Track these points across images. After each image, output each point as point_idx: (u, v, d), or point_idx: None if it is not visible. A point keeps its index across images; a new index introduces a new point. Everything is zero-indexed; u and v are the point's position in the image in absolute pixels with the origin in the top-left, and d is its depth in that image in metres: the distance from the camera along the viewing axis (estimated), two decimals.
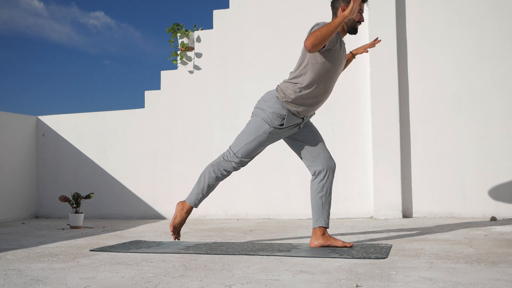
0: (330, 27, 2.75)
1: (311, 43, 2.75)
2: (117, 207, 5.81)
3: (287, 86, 2.99)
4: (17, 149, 5.90)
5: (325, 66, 2.93)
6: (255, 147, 3.07)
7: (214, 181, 3.17)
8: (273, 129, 3.00)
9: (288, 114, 2.97)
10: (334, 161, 3.08)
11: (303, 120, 3.07)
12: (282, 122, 2.99)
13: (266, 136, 3.03)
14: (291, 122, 3.01)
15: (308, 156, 3.08)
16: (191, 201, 3.20)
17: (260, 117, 3.03)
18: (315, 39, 2.74)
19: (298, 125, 3.08)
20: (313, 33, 2.77)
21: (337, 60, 2.96)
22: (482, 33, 4.88)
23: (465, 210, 4.79)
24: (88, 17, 14.64)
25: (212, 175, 3.15)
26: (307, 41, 2.77)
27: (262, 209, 5.32)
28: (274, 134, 3.04)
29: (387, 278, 2.08)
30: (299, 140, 3.12)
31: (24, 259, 2.82)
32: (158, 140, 5.73)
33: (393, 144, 4.91)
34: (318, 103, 3.02)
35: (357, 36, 5.15)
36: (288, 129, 3.04)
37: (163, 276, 2.22)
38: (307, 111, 3.01)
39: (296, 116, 3.01)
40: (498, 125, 4.78)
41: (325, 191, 3.03)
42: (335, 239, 2.99)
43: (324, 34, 2.74)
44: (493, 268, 2.25)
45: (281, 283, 2.03)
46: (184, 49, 5.63)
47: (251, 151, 3.08)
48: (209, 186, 3.17)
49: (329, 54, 2.92)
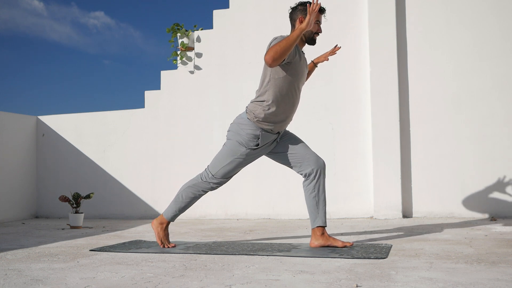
0: (289, 41, 2.78)
1: (271, 58, 2.79)
2: (117, 207, 5.81)
3: (255, 106, 3.02)
4: (17, 149, 5.90)
5: (287, 79, 2.97)
6: (234, 168, 3.10)
7: (191, 200, 3.19)
8: (249, 151, 3.04)
9: (262, 133, 3.00)
10: (322, 160, 3.08)
11: (279, 134, 3.10)
12: (257, 142, 3.01)
13: (243, 158, 3.06)
14: (266, 140, 3.04)
15: (295, 163, 3.10)
16: (168, 216, 3.21)
17: (235, 140, 3.05)
18: (274, 54, 2.78)
19: (275, 140, 3.11)
20: (272, 47, 2.80)
21: (298, 72, 3.01)
22: (482, 33, 4.88)
23: (465, 210, 4.79)
24: (88, 17, 14.64)
25: (189, 195, 3.17)
26: (267, 56, 2.80)
27: (262, 209, 5.32)
28: (252, 154, 3.07)
29: (387, 278, 2.08)
30: (280, 152, 3.14)
31: (24, 259, 2.82)
32: (158, 140, 5.73)
33: (393, 144, 4.91)
34: (288, 116, 3.06)
35: (357, 36, 5.16)
36: (265, 147, 3.08)
37: (163, 276, 2.22)
38: (280, 126, 3.05)
39: (271, 133, 3.04)
40: (498, 125, 4.78)
41: (317, 190, 3.04)
42: (334, 239, 3.00)
43: (283, 48, 2.78)
44: (493, 268, 2.25)
45: (281, 283, 2.03)
46: (184, 49, 5.63)
47: (230, 171, 3.11)
48: (186, 205, 3.19)
49: (289, 67, 2.96)
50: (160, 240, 3.17)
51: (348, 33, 5.20)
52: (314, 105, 5.23)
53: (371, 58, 5.02)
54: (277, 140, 3.12)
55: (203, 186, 3.15)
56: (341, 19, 5.23)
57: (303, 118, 5.26)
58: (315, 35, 3.07)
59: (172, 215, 3.20)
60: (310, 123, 5.23)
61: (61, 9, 14.88)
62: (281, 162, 3.18)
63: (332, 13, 5.29)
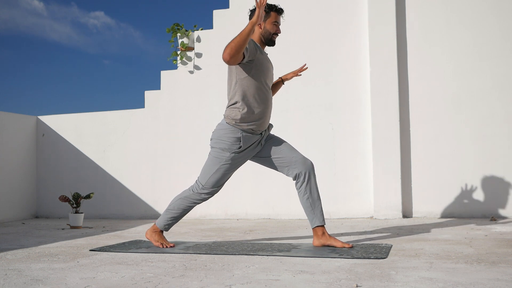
0: (242, 36, 2.82)
1: (228, 55, 2.83)
2: (117, 207, 5.81)
3: (230, 110, 3.06)
4: (17, 149, 5.90)
5: (253, 77, 3.02)
6: (222, 176, 3.11)
7: (183, 211, 3.20)
8: (234, 155, 3.05)
9: (243, 135, 3.02)
10: (309, 160, 3.09)
11: (262, 135, 3.11)
12: (240, 145, 3.03)
13: (229, 163, 3.07)
14: (249, 142, 3.05)
15: (282, 166, 3.11)
16: (160, 225, 3.22)
17: (218, 147, 3.07)
18: (230, 50, 2.82)
19: (259, 142, 3.11)
20: (227, 45, 2.85)
21: (263, 69, 3.06)
22: (482, 33, 4.88)
23: (465, 210, 4.79)
24: (88, 17, 14.64)
25: (181, 207, 3.19)
26: (224, 54, 2.84)
27: (262, 209, 5.32)
28: (237, 158, 3.07)
29: (387, 278, 2.08)
30: (265, 156, 3.15)
31: (24, 259, 2.82)
32: (158, 140, 5.73)
33: (393, 144, 4.91)
34: (264, 113, 3.07)
35: (357, 36, 5.16)
36: (249, 150, 3.09)
37: (163, 276, 2.22)
38: (259, 125, 3.06)
39: (252, 134, 3.05)
40: (498, 125, 4.78)
41: (309, 192, 3.04)
42: (335, 239, 3.00)
43: (238, 43, 2.82)
44: (493, 268, 2.25)
45: (281, 283, 2.03)
46: (184, 49, 5.63)
47: (219, 180, 3.11)
48: (178, 216, 3.21)
49: (252, 65, 3.00)
50: (158, 242, 3.17)
51: (348, 33, 5.20)
52: (314, 105, 5.23)
53: (371, 58, 5.02)
54: (261, 142, 3.13)
55: (194, 197, 3.17)
56: (341, 19, 5.23)
57: (303, 118, 5.26)
58: (274, 36, 3.14)
59: (164, 224, 3.21)
60: (310, 123, 5.23)
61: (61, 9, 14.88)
62: (268, 166, 3.19)
63: (332, 13, 5.30)
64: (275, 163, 3.13)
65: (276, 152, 3.12)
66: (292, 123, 5.27)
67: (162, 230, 3.22)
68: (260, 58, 3.03)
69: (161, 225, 3.22)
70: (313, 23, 5.31)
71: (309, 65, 5.33)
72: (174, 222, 3.23)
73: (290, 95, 5.30)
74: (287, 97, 5.30)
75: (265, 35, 3.12)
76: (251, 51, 2.95)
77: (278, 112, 5.29)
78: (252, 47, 2.96)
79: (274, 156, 3.12)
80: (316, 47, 5.29)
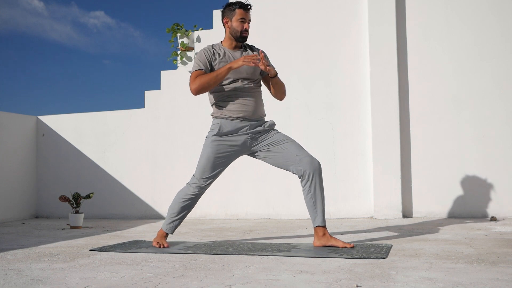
0: (217, 78, 3.01)
1: (195, 90, 3.06)
2: (117, 207, 5.81)
3: (212, 109, 3.23)
4: (17, 149, 5.90)
5: (223, 83, 3.10)
6: (206, 163, 3.14)
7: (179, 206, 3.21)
8: (215, 137, 3.12)
9: (221, 121, 3.11)
10: (317, 160, 3.07)
11: (249, 127, 3.10)
12: (219, 128, 3.11)
13: (215, 148, 3.12)
14: (229, 127, 3.10)
15: (288, 165, 3.10)
16: (163, 227, 3.26)
17: (205, 140, 3.20)
18: (199, 87, 3.04)
19: (247, 134, 3.11)
20: (197, 80, 3.02)
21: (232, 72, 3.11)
22: (482, 32, 4.88)
23: (465, 210, 4.79)
24: (88, 16, 14.65)
25: (177, 200, 3.22)
26: (191, 87, 3.04)
27: (262, 209, 5.32)
28: (220, 145, 3.12)
29: (387, 278, 2.08)
30: (269, 156, 3.15)
31: (24, 259, 2.82)
32: (158, 140, 5.73)
33: (393, 144, 4.91)
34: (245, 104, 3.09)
35: (357, 36, 5.16)
36: (233, 136, 3.11)
37: (163, 276, 2.22)
38: (240, 112, 3.08)
39: (232, 121, 3.09)
40: (498, 125, 4.78)
41: (313, 190, 3.03)
42: (336, 240, 2.99)
43: (208, 82, 3.03)
44: (493, 268, 2.25)
45: (281, 283, 2.03)
46: (184, 49, 5.63)
47: (204, 168, 3.15)
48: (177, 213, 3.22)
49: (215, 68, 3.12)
50: (156, 241, 3.20)
51: (348, 32, 5.20)
52: (314, 105, 5.23)
53: (371, 58, 5.02)
54: (251, 135, 3.11)
55: (186, 190, 3.22)
56: (341, 18, 5.23)
57: (303, 118, 5.26)
58: (243, 33, 3.16)
59: (165, 225, 3.23)
60: (310, 123, 5.23)
61: (61, 9, 14.89)
62: (273, 164, 3.17)
63: (332, 13, 5.29)
64: (281, 161, 3.10)
65: (281, 150, 3.10)
66: (292, 123, 5.27)
67: (167, 232, 3.24)
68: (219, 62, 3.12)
69: (164, 227, 3.25)
70: (313, 23, 5.31)
71: (309, 65, 5.34)
72: (176, 221, 3.22)
73: (290, 95, 5.29)
74: (287, 97, 5.29)
75: (233, 33, 3.16)
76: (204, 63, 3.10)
77: (278, 112, 5.29)
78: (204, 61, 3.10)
79: (279, 153, 3.10)
80: (316, 46, 5.29)
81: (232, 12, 3.14)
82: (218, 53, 3.14)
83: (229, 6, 3.16)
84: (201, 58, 3.11)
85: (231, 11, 3.14)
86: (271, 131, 3.18)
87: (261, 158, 3.19)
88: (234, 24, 3.13)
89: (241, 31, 3.13)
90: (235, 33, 3.14)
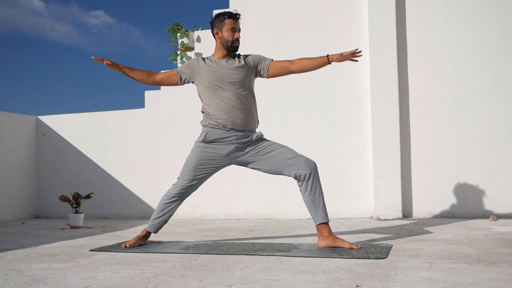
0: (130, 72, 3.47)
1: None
2: (117, 207, 5.81)
3: (202, 119, 3.28)
4: (17, 149, 5.90)
5: (206, 90, 3.19)
6: (188, 167, 3.24)
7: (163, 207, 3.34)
8: (201, 143, 3.19)
9: (208, 129, 3.17)
10: (312, 160, 3.08)
11: (236, 136, 3.12)
12: (205, 136, 3.17)
13: (199, 154, 3.19)
14: (216, 135, 3.14)
15: (283, 169, 3.10)
16: (147, 226, 3.37)
17: (193, 145, 3.27)
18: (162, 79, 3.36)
19: (232, 144, 3.13)
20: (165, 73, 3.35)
21: (209, 74, 3.18)
22: (482, 32, 4.88)
23: (465, 210, 4.79)
24: (89, 16, 14.65)
25: (162, 201, 3.36)
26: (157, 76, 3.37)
27: (262, 209, 5.32)
28: (206, 152, 3.17)
29: (387, 278, 2.08)
30: (262, 165, 3.16)
31: (24, 259, 2.82)
32: (158, 140, 5.73)
33: (393, 144, 4.91)
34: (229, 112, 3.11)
35: (357, 36, 5.16)
36: (218, 144, 3.15)
37: (163, 276, 2.22)
38: (226, 121, 3.11)
39: (219, 129, 3.13)
40: (498, 125, 4.78)
41: (310, 189, 3.04)
42: (342, 241, 2.97)
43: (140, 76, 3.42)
44: (493, 268, 2.25)
45: (281, 283, 2.03)
46: (184, 49, 5.63)
47: (185, 171, 3.25)
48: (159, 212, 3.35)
49: (198, 82, 3.23)
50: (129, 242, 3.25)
51: (348, 32, 5.20)
52: (314, 105, 5.23)
53: (371, 58, 5.02)
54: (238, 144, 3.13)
55: (171, 189, 3.34)
56: (341, 18, 5.23)
57: (303, 118, 5.26)
58: (234, 42, 3.20)
59: (149, 223, 3.34)
60: (310, 123, 5.22)
61: (61, 9, 14.89)
62: (268, 170, 3.17)
63: (332, 13, 5.29)
64: (274, 166, 3.11)
65: (273, 155, 3.11)
66: (292, 123, 5.27)
67: (150, 231, 3.33)
68: (204, 68, 3.19)
69: (148, 225, 3.35)
70: (313, 23, 5.31)
71: None
72: (156, 219, 3.32)
73: (290, 95, 5.30)
74: (287, 97, 5.30)
75: (223, 43, 3.21)
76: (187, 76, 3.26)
77: (278, 112, 5.29)
78: (184, 69, 3.26)
79: (271, 158, 3.10)
80: (316, 46, 5.29)
81: (221, 22, 3.19)
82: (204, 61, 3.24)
83: (218, 17, 3.20)
84: (185, 64, 3.30)
85: (220, 22, 3.19)
86: (259, 141, 3.19)
87: (255, 167, 3.21)
88: (225, 34, 3.18)
89: (232, 41, 3.18)
90: (226, 43, 3.19)
